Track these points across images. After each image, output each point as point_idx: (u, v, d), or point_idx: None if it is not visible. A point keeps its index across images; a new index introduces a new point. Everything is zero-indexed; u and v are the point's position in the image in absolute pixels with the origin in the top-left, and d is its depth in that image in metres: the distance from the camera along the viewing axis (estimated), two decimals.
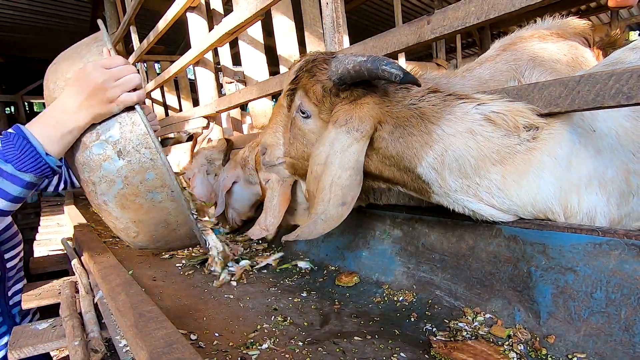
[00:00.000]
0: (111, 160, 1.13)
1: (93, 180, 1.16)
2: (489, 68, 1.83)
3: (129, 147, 1.13)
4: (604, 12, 7.09)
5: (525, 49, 1.78)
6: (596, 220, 1.03)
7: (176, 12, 3.12)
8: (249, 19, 2.19)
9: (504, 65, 1.80)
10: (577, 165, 0.99)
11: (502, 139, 0.95)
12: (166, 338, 0.79)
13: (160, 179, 1.18)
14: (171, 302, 1.32)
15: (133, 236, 1.30)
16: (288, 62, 3.22)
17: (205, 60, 3.41)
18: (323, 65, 1.02)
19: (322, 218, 0.93)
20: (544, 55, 1.70)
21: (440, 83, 1.78)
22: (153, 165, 1.16)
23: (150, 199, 1.20)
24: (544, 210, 1.00)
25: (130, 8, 4.19)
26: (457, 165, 0.95)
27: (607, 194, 1.02)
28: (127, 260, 1.82)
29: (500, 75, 1.78)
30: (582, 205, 1.01)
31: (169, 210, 1.25)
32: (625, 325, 0.82)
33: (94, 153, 1.12)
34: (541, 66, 1.57)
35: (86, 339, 1.20)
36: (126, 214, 1.22)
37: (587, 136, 1.02)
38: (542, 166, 0.96)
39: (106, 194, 1.18)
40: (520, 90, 1.07)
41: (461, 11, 1.17)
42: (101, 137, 1.12)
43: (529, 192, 0.97)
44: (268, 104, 3.26)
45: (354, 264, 1.51)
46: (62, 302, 1.52)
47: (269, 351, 1.01)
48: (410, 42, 1.37)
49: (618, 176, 1.02)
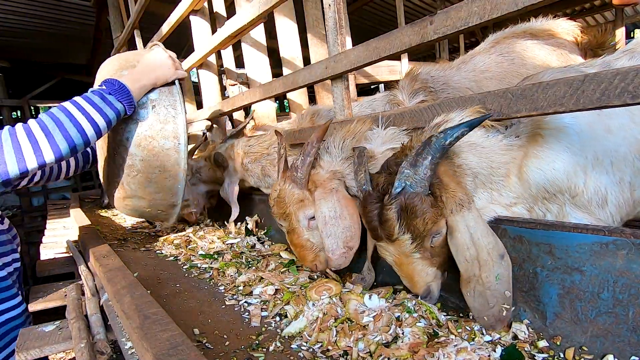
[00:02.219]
0: (146, 109, 1.66)
1: (127, 121, 1.66)
2: (484, 59, 1.88)
3: (161, 104, 1.68)
4: (609, 10, 7.03)
5: (517, 43, 1.81)
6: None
7: (179, 15, 3.14)
8: (251, 22, 2.20)
9: (499, 57, 1.83)
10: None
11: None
12: (171, 340, 0.79)
13: (174, 132, 1.69)
14: (176, 304, 1.33)
15: (134, 174, 1.71)
16: (291, 64, 3.23)
17: (208, 63, 3.42)
18: (416, 199, 1.01)
19: (497, 280, 0.98)
20: (534, 49, 1.76)
21: (436, 77, 1.79)
22: (174, 120, 1.69)
23: (162, 144, 1.68)
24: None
25: (134, 12, 4.22)
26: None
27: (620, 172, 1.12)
28: (132, 263, 1.83)
29: (495, 66, 1.81)
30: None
31: (171, 158, 1.71)
32: (634, 326, 0.81)
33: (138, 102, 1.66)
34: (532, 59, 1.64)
35: (92, 341, 1.20)
36: (139, 152, 1.67)
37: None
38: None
39: (131, 131, 1.66)
40: (524, 91, 1.06)
41: (464, 11, 1.16)
42: (147, 95, 1.68)
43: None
44: (271, 106, 3.26)
45: (356, 266, 1.51)
46: (68, 304, 1.53)
47: (275, 354, 1.01)
48: (413, 43, 1.36)
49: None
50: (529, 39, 1.84)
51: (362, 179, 1.15)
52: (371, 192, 1.10)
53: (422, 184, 1.01)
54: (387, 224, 1.04)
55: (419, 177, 1.01)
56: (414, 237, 1.03)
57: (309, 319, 1.15)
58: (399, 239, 1.04)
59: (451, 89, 1.78)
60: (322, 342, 1.04)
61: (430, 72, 1.83)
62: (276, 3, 1.94)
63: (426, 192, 1.02)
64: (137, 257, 1.99)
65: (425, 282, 1.11)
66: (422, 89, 1.67)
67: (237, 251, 1.93)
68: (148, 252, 2.12)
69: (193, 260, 1.89)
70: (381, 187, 1.09)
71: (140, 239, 2.45)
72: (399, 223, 1.02)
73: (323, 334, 1.07)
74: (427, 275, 1.10)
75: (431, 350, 0.91)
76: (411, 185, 1.01)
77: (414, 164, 1.00)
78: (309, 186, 1.37)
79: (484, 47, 1.96)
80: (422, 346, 0.94)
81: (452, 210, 1.01)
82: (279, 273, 1.56)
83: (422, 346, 0.94)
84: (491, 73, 1.80)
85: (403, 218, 1.02)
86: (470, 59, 1.90)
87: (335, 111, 1.85)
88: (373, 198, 1.09)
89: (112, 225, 2.97)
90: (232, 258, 1.84)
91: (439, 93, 1.74)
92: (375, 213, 1.08)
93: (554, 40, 1.81)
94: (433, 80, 1.79)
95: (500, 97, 1.12)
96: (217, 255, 1.91)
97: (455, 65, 1.93)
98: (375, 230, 1.09)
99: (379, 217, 1.06)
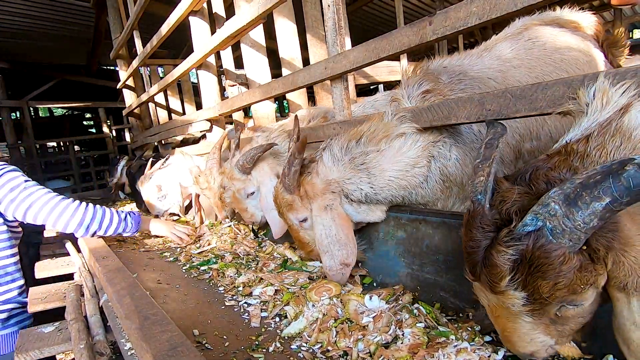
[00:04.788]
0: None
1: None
2: (511, 45, 1.63)
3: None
4: (607, 10, 7.05)
5: (547, 30, 1.66)
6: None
7: (179, 16, 3.14)
8: (250, 22, 2.20)
9: (528, 42, 1.63)
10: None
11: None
12: (171, 341, 0.79)
13: None
14: (176, 305, 1.33)
15: None
16: (290, 65, 3.22)
17: (208, 64, 3.42)
18: (554, 254, 0.66)
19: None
20: (565, 36, 1.64)
21: (450, 67, 1.56)
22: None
23: None
24: None
25: (133, 13, 4.22)
26: None
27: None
28: (132, 264, 1.82)
29: (524, 53, 1.59)
30: None
31: None
32: None
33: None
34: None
35: (91, 342, 1.20)
36: None
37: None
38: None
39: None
40: (523, 91, 1.06)
41: (463, 11, 1.16)
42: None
43: None
44: (271, 107, 3.26)
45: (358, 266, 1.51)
46: (68, 305, 1.52)
47: (274, 354, 1.01)
48: (412, 43, 1.36)
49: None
50: (557, 27, 1.71)
51: (481, 183, 0.79)
52: (485, 211, 0.76)
53: (577, 235, 0.64)
54: (491, 270, 0.73)
55: (575, 224, 0.63)
56: (531, 300, 0.71)
57: (308, 319, 1.14)
58: (505, 293, 0.73)
59: (469, 79, 1.51)
60: (322, 342, 1.04)
61: (443, 62, 1.61)
62: (275, 4, 1.94)
63: (577, 247, 0.66)
64: (136, 257, 1.98)
65: (527, 349, 0.79)
66: (427, 79, 1.49)
67: (247, 251, 1.95)
68: (147, 253, 2.11)
69: (193, 261, 1.89)
70: (505, 208, 0.74)
71: (140, 239, 2.44)
72: (512, 276, 0.70)
73: (323, 334, 1.07)
74: (531, 342, 0.78)
75: (431, 350, 0.91)
76: (554, 230, 0.65)
77: (574, 200, 0.63)
78: (300, 192, 1.41)
79: (510, 32, 1.70)
80: (422, 347, 0.94)
81: (626, 285, 0.67)
82: (278, 273, 1.56)
83: (422, 347, 0.94)
84: (519, 61, 1.57)
85: (521, 272, 0.69)
86: (494, 45, 1.66)
87: (334, 111, 1.85)
88: (484, 221, 0.75)
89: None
90: (233, 259, 1.85)
91: (453, 85, 1.50)
92: (479, 246, 0.76)
93: (580, 32, 1.72)
94: (446, 72, 1.56)
95: (499, 97, 1.13)
96: (215, 257, 1.91)
97: (476, 52, 1.66)
98: (473, 266, 0.78)
99: (484, 254, 0.75)
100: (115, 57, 5.78)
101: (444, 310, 1.15)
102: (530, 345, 0.78)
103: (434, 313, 1.10)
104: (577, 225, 0.63)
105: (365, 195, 1.38)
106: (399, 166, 1.37)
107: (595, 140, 0.77)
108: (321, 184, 1.40)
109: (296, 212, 1.43)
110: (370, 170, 1.36)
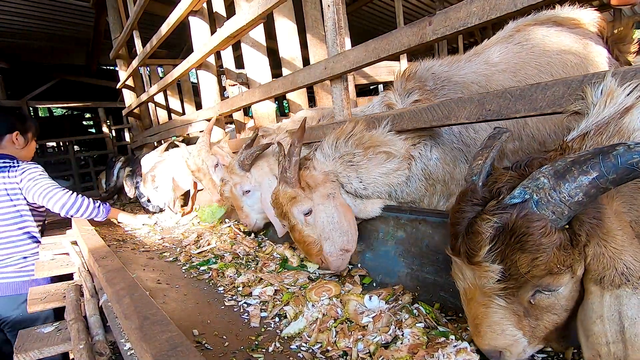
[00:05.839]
0: None
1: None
2: (500, 49, 1.66)
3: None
4: (607, 10, 7.05)
5: (539, 30, 1.65)
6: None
7: (179, 16, 3.14)
8: (251, 22, 2.20)
9: (516, 46, 1.65)
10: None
11: None
12: (170, 341, 0.79)
13: None
14: (175, 305, 1.33)
15: None
16: (290, 65, 3.23)
17: (207, 64, 3.42)
18: (536, 224, 0.67)
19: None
20: (559, 36, 1.64)
21: (438, 73, 1.63)
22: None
23: None
24: None
25: (133, 13, 4.22)
26: None
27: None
28: (132, 264, 1.82)
29: (512, 57, 1.62)
30: None
31: None
32: None
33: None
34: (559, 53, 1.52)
35: (91, 342, 1.20)
36: None
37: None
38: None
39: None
40: (523, 91, 1.06)
41: (463, 12, 1.16)
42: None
43: None
44: (271, 106, 3.26)
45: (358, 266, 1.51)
46: (67, 305, 1.52)
47: (274, 354, 1.01)
48: (412, 44, 1.36)
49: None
50: (553, 26, 1.69)
51: (479, 167, 0.81)
52: (477, 188, 0.79)
53: (561, 208, 0.66)
54: (473, 238, 0.74)
55: (561, 196, 0.65)
56: (507, 276, 0.72)
57: (308, 319, 1.14)
58: (482, 265, 0.73)
59: (452, 84, 1.59)
60: (322, 342, 1.04)
61: (432, 67, 1.66)
62: (275, 4, 1.94)
63: (560, 223, 0.68)
64: (136, 258, 1.98)
65: (496, 342, 0.78)
66: (417, 88, 1.58)
67: (247, 251, 1.95)
68: (147, 253, 2.11)
69: (193, 261, 1.89)
70: (497, 187, 0.77)
71: (139, 240, 2.44)
72: (492, 245, 0.71)
73: (322, 334, 1.07)
74: (502, 334, 0.77)
75: (431, 351, 0.91)
76: (539, 202, 0.67)
77: (563, 173, 0.65)
78: (302, 185, 1.47)
79: (502, 35, 1.73)
80: (421, 347, 0.94)
81: (603, 279, 0.67)
82: (278, 273, 1.56)
83: (422, 347, 0.94)
84: (505, 65, 1.60)
85: (501, 241, 0.70)
86: (484, 50, 1.70)
87: (334, 112, 1.85)
88: (475, 196, 0.78)
89: (111, 225, 2.96)
90: (233, 259, 1.85)
91: (437, 91, 1.58)
92: (465, 216, 0.77)
93: (579, 30, 1.68)
94: (433, 77, 1.63)
95: (499, 97, 1.13)
96: (214, 257, 1.91)
97: (465, 57, 1.71)
98: (455, 238, 0.79)
99: (468, 223, 0.76)
100: (115, 57, 5.78)
101: (444, 310, 1.15)
102: (500, 337, 0.77)
103: (434, 313, 1.10)
104: (562, 197, 0.65)
105: (355, 190, 1.49)
106: (382, 170, 1.49)
107: (591, 139, 0.78)
108: (320, 174, 1.49)
109: (300, 205, 1.46)
110: (358, 169, 1.48)
